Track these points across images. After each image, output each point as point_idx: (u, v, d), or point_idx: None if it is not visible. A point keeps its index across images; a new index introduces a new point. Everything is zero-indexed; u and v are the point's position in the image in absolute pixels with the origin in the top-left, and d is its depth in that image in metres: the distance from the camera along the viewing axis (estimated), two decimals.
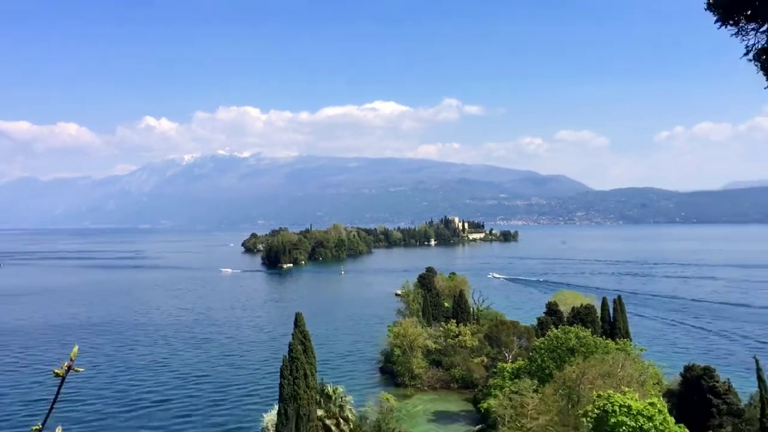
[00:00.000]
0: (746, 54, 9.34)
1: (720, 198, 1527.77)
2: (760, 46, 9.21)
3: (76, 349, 3.01)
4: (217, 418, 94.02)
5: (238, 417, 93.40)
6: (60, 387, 2.98)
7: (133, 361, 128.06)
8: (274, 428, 69.27)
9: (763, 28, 9.14)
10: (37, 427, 3.01)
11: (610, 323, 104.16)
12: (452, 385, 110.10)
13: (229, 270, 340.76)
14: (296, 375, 68.04)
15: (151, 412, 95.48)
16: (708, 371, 70.24)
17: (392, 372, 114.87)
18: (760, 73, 9.38)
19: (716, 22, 9.35)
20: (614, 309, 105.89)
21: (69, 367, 2.99)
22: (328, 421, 72.25)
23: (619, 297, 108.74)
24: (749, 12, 9.06)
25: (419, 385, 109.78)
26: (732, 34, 9.31)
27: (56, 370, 2.98)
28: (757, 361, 61.67)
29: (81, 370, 3.07)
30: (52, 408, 2.98)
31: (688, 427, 49.15)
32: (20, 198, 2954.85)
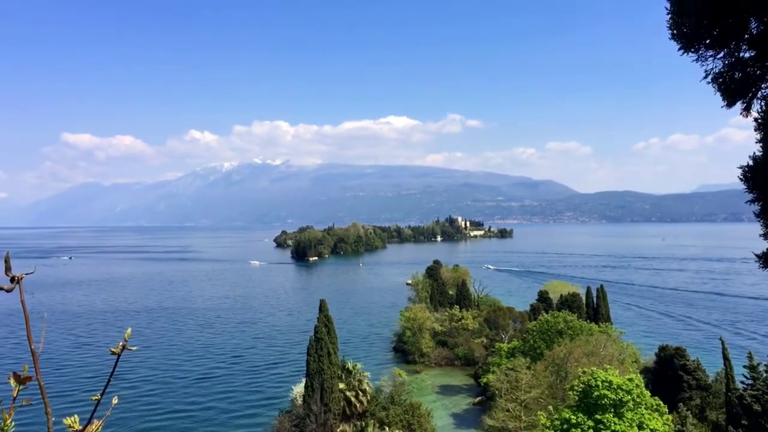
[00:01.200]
0: (705, 77, 9.43)
1: (690, 200, 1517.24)
2: (717, 71, 9.30)
3: (129, 330, 3.00)
4: (252, 390, 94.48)
5: (270, 389, 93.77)
6: (116, 363, 2.98)
7: (180, 342, 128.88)
8: (301, 399, 69.51)
9: (720, 55, 9.22)
10: (96, 397, 3.00)
11: (594, 309, 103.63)
12: (456, 362, 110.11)
13: (257, 262, 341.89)
14: (321, 353, 68.21)
15: (195, 387, 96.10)
16: (679, 351, 69.82)
17: (404, 351, 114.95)
18: (718, 94, 9.46)
19: (679, 49, 9.44)
20: (597, 296, 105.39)
21: (123, 346, 3.00)
22: (348, 393, 72.38)
23: (602, 286, 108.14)
24: (708, 41, 9.16)
25: (427, 362, 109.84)
26: (693, 60, 9.39)
27: (113, 349, 2.97)
28: (722, 342, 61.28)
29: (134, 348, 3.07)
30: (109, 381, 2.97)
31: (661, 400, 48.87)
32: (85, 199, 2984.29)
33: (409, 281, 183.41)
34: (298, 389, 73.05)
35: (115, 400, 3.17)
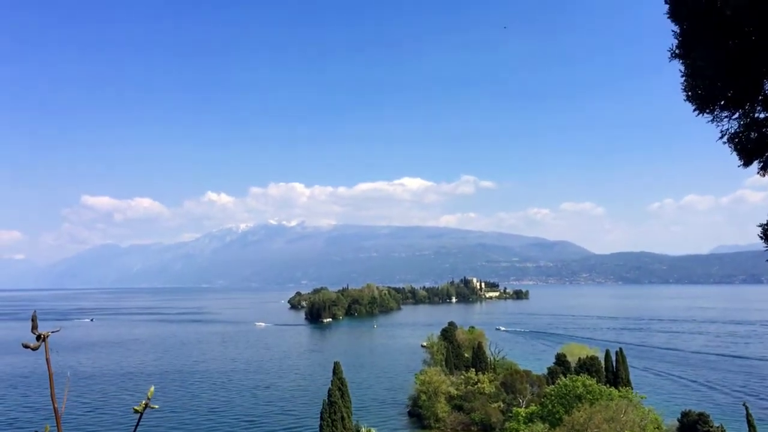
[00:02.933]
0: (721, 137, 9.53)
1: (708, 261, 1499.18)
2: (732, 131, 9.40)
3: (152, 389, 3.03)
4: None
5: None
6: (138, 422, 3.02)
7: (193, 406, 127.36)
8: None
9: (735, 116, 9.33)
10: None
11: (613, 372, 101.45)
12: (472, 428, 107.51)
13: (263, 324, 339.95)
14: (334, 417, 67.01)
15: None
16: (702, 417, 67.93)
17: (419, 415, 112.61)
18: (734, 154, 9.53)
19: (694, 110, 9.57)
20: (616, 360, 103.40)
21: (146, 405, 3.04)
22: None
23: (621, 349, 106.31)
24: (722, 102, 9.29)
25: (443, 428, 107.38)
26: (708, 121, 9.51)
27: (135, 407, 3.01)
28: (746, 408, 59.63)
29: (156, 407, 3.11)
30: None
31: None
32: (103, 260, 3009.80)
33: (424, 343, 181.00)
34: None
35: None
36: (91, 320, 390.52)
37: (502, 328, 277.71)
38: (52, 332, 3.02)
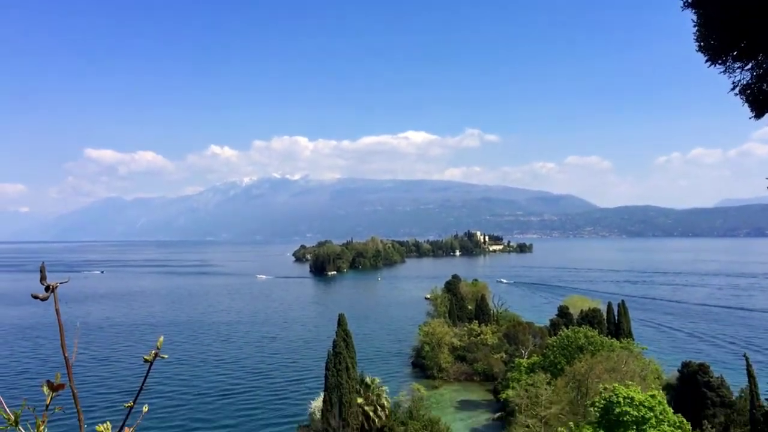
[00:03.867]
0: (733, 89, 9.41)
1: (713, 214, 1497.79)
2: (745, 82, 9.28)
3: (161, 339, 3.03)
4: (272, 404, 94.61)
5: (289, 404, 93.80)
6: (148, 371, 3.01)
7: (201, 356, 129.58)
8: (320, 413, 69.39)
9: (748, 66, 9.20)
10: (129, 404, 3.05)
11: (615, 324, 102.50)
12: (475, 377, 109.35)
13: (264, 276, 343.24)
14: (339, 368, 68.15)
15: (216, 401, 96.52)
16: (703, 367, 68.80)
17: (422, 366, 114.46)
18: (746, 105, 9.43)
19: (707, 61, 9.43)
20: (618, 312, 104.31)
21: (156, 354, 3.03)
22: (366, 408, 72.15)
23: (623, 301, 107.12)
24: (735, 53, 9.15)
25: (446, 377, 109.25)
26: (720, 72, 9.37)
27: (146, 357, 3.00)
28: (747, 359, 60.33)
29: (166, 357, 3.10)
30: (141, 388, 3.00)
31: (684, 417, 48.14)
32: (107, 214, 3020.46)
33: (428, 296, 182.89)
34: (317, 404, 72.94)
35: (145, 408, 3.27)
36: (102, 272, 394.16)
37: (504, 281, 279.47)
38: (61, 283, 3.02)
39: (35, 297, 2.94)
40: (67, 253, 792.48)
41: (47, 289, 2.88)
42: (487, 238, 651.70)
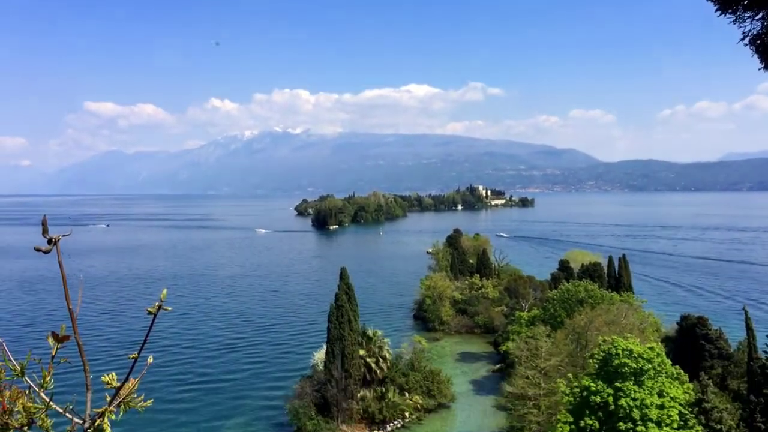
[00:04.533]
0: (743, 39, 9.20)
1: (716, 168, 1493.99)
2: (755, 32, 9.06)
3: (165, 291, 3.03)
4: (275, 356, 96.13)
5: (292, 355, 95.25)
6: (152, 323, 3.01)
7: (205, 309, 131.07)
8: (323, 365, 70.47)
9: (758, 16, 8.97)
10: (134, 355, 3.05)
11: (616, 278, 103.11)
12: (476, 330, 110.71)
13: (263, 230, 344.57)
14: (342, 320, 68.91)
15: (220, 353, 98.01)
16: (702, 320, 69.47)
17: (424, 318, 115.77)
18: (755, 56, 9.23)
19: (716, 10, 9.20)
20: (619, 266, 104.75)
21: (159, 306, 3.04)
22: (368, 359, 73.23)
23: (624, 255, 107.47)
24: (746, 2, 8.91)
25: (447, 330, 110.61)
26: (730, 21, 9.15)
27: (149, 309, 3.00)
28: (745, 312, 60.75)
29: (170, 309, 3.10)
30: (145, 340, 3.01)
31: (682, 369, 48.83)
32: (109, 167, 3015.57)
33: (430, 250, 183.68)
34: (320, 355, 74.00)
35: (150, 360, 3.26)
36: (107, 226, 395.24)
37: (504, 235, 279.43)
38: (63, 236, 3.02)
39: (38, 250, 2.94)
40: (69, 206, 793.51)
41: (50, 242, 2.89)
42: (489, 192, 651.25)
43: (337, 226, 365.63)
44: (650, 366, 40.72)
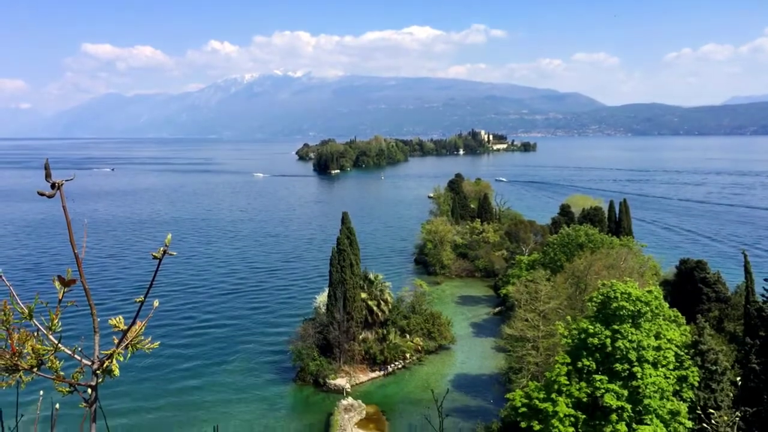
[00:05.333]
0: None
1: (720, 112, 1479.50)
2: None
3: (169, 236, 3.03)
4: (277, 299, 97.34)
5: (295, 299, 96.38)
6: (158, 268, 3.02)
7: (208, 253, 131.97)
8: (325, 307, 71.34)
9: None
10: (140, 299, 3.07)
11: (616, 223, 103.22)
12: (476, 274, 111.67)
13: (261, 174, 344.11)
14: (343, 264, 69.38)
15: (224, 297, 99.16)
16: (700, 264, 69.86)
17: (425, 262, 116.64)
18: None
19: None
20: (620, 210, 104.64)
21: (164, 251, 3.04)
22: (370, 302, 74.06)
23: (625, 200, 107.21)
24: None
25: (448, 274, 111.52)
26: None
27: (154, 253, 3.01)
28: (745, 255, 60.98)
29: (174, 254, 3.11)
30: (151, 284, 3.02)
31: (680, 312, 49.39)
32: (108, 110, 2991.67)
33: (431, 194, 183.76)
34: (322, 298, 74.78)
35: (156, 303, 3.24)
36: (112, 170, 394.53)
37: (503, 179, 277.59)
38: (67, 180, 3.02)
39: (41, 194, 2.94)
40: (71, 149, 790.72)
41: (53, 186, 2.89)
42: (491, 137, 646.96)
43: (338, 171, 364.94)
44: (648, 309, 41.15)
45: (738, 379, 39.85)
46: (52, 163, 3.07)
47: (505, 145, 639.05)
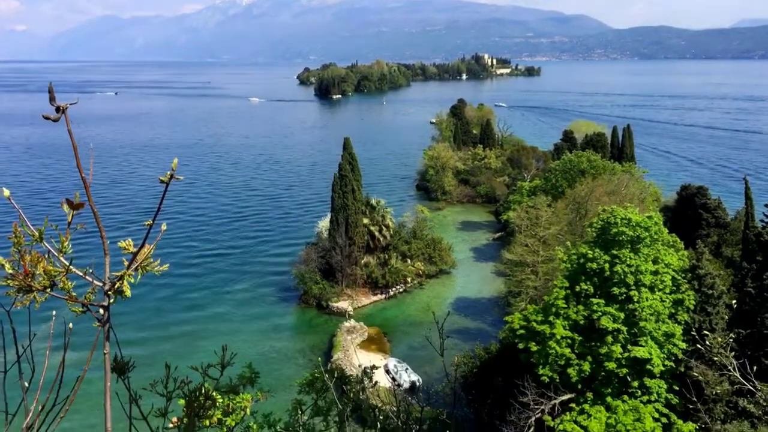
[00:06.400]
0: None
1: (728, 35, 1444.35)
2: None
3: (176, 161, 3.03)
4: (280, 224, 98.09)
5: (297, 224, 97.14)
6: (164, 192, 3.03)
7: (212, 178, 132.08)
8: (327, 233, 71.92)
9: None
10: (148, 222, 3.08)
11: (619, 149, 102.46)
12: (477, 200, 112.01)
13: (257, 99, 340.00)
14: (345, 190, 69.46)
15: (228, 222, 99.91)
16: (701, 190, 69.78)
17: (426, 188, 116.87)
18: None
19: None
20: (623, 136, 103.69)
21: (171, 176, 3.05)
22: (372, 228, 74.58)
23: (628, 125, 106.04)
24: None
25: (449, 200, 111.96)
26: None
27: (161, 178, 3.02)
28: (746, 181, 60.84)
29: (181, 178, 3.11)
30: (159, 208, 3.03)
31: (679, 237, 49.70)
32: (104, 33, 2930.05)
33: (433, 120, 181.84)
34: (324, 223, 75.28)
35: (164, 227, 3.24)
36: (116, 93, 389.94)
37: (503, 104, 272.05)
38: (71, 104, 3.03)
39: (46, 118, 2.93)
40: (69, 73, 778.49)
41: (57, 110, 2.90)
42: (494, 61, 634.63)
43: (340, 96, 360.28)
44: (647, 234, 41.37)
45: (733, 302, 40.53)
46: (54, 87, 2.97)
47: (508, 70, 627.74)
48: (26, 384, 3.49)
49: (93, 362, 3.31)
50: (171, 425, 4.67)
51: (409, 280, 73.49)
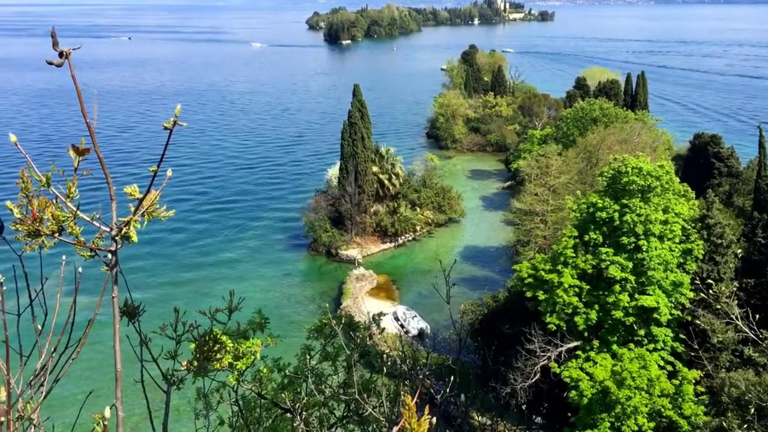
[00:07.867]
0: None
1: None
2: None
3: (179, 107, 3.03)
4: (290, 172, 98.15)
5: (306, 172, 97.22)
6: (169, 138, 3.03)
7: (221, 125, 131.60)
8: (336, 181, 71.94)
9: None
10: (153, 168, 3.09)
11: (632, 96, 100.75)
12: (488, 148, 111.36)
13: (259, 44, 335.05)
14: (355, 138, 69.15)
15: (237, 170, 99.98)
16: (715, 138, 68.95)
17: (436, 137, 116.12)
18: None
19: None
20: (637, 83, 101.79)
21: (175, 122, 3.05)
22: (381, 176, 74.53)
23: (642, 72, 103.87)
24: None
25: (459, 148, 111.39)
26: None
27: (165, 124, 3.02)
28: (760, 130, 59.87)
29: (185, 125, 3.12)
30: (164, 154, 3.04)
31: (690, 186, 49.34)
32: None
33: (444, 66, 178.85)
34: (333, 172, 75.23)
35: (169, 173, 3.25)
36: (130, 38, 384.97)
37: (510, 50, 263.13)
38: (74, 49, 3.02)
39: (50, 63, 2.93)
40: (76, 17, 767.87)
41: (61, 55, 2.90)
42: (507, 5, 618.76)
43: (349, 42, 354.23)
44: (658, 183, 41.08)
45: (740, 252, 40.53)
46: (60, 31, 2.97)
47: (522, 15, 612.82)
48: (39, 327, 3.60)
49: (103, 306, 3.40)
50: (182, 367, 4.82)
51: (418, 228, 73.80)
